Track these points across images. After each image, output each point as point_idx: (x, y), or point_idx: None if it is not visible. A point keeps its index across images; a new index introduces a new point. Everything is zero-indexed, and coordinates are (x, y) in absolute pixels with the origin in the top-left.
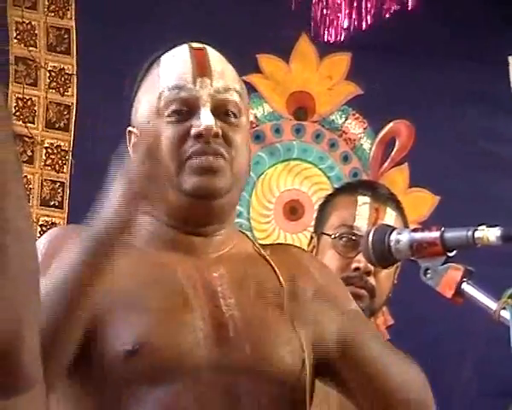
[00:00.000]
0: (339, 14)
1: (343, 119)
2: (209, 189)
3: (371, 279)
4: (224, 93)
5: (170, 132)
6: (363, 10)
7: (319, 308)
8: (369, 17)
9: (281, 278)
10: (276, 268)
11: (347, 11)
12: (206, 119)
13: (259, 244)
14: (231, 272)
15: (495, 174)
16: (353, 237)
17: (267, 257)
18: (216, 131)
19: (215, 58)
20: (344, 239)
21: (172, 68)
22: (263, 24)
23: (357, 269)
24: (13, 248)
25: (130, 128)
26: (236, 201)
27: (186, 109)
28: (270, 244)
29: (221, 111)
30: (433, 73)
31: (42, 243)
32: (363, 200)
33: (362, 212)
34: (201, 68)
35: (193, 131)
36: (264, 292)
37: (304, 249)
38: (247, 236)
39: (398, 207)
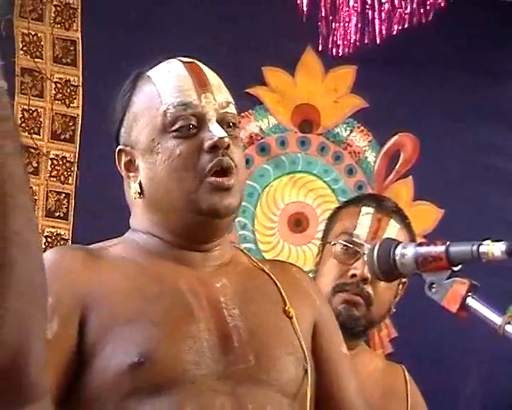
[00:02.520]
0: (348, 28)
1: (348, 131)
2: (225, 208)
3: (368, 287)
4: (226, 107)
5: (182, 147)
6: (374, 25)
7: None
8: (377, 32)
9: (281, 289)
10: (275, 280)
11: (357, 25)
12: (217, 131)
13: (257, 260)
14: (233, 283)
15: (500, 188)
16: (352, 245)
17: (266, 269)
18: (228, 143)
19: (208, 72)
20: (343, 247)
21: (172, 85)
22: (268, 36)
23: (353, 276)
24: (21, 261)
25: (121, 147)
26: (237, 215)
27: (193, 125)
28: (269, 260)
29: (224, 124)
30: (438, 86)
31: None
32: (367, 210)
33: (363, 221)
34: (202, 83)
35: (208, 144)
36: (266, 302)
37: (303, 270)
38: (242, 250)
39: (403, 220)
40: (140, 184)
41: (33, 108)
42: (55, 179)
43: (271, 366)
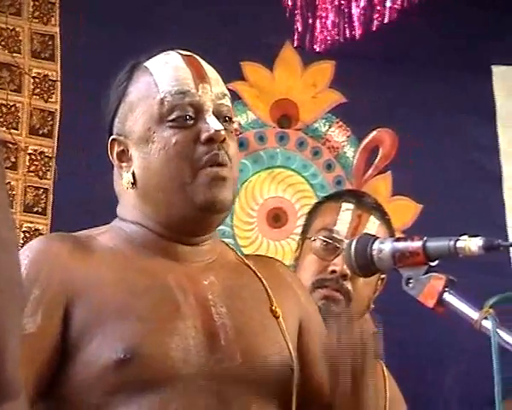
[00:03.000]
0: (326, 23)
1: (327, 127)
2: (221, 202)
3: (347, 283)
4: (222, 99)
5: (178, 137)
6: (352, 20)
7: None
8: (356, 27)
9: (268, 288)
10: (262, 278)
11: (336, 20)
12: (214, 123)
13: (242, 255)
14: (221, 281)
15: (477, 183)
16: (332, 241)
17: (252, 267)
18: (224, 136)
19: (205, 65)
20: (323, 243)
21: (170, 74)
22: (247, 32)
23: (333, 272)
24: None
25: (114, 136)
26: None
27: (190, 115)
28: (253, 255)
29: (220, 116)
30: (417, 82)
31: (24, 261)
32: (347, 206)
33: (344, 217)
34: (200, 74)
35: (204, 136)
36: (253, 301)
37: (285, 265)
38: (228, 245)
39: (383, 217)
40: (133, 174)
41: (11, 103)
42: (33, 174)
43: (258, 365)
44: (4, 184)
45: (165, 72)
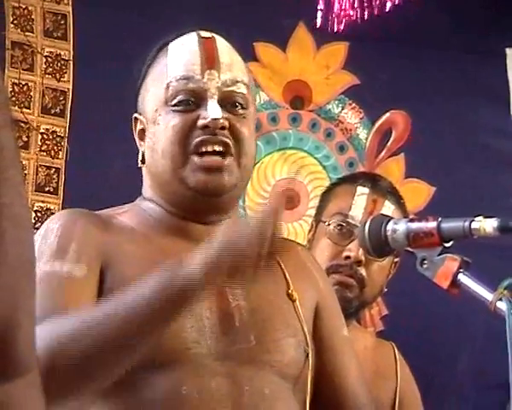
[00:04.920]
0: (340, 4)
1: (339, 108)
2: (215, 187)
3: (361, 270)
4: (231, 86)
5: (176, 121)
6: (366, 2)
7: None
8: (370, 9)
9: (286, 272)
10: (280, 261)
11: (350, 1)
12: (213, 111)
13: None
14: None
15: (490, 166)
16: (347, 226)
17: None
18: (223, 124)
19: (223, 49)
20: (338, 227)
21: (180, 58)
22: (260, 12)
23: (347, 258)
24: (11, 234)
25: (136, 115)
26: (241, 192)
27: (193, 100)
28: None
29: (228, 102)
30: (431, 63)
31: (55, 226)
32: (362, 190)
33: (359, 202)
34: (210, 60)
35: (200, 123)
36: (270, 284)
37: (308, 251)
38: None
39: (398, 201)
40: (143, 152)
41: (24, 82)
42: (45, 154)
43: (272, 347)
44: (18, 162)
45: (178, 55)
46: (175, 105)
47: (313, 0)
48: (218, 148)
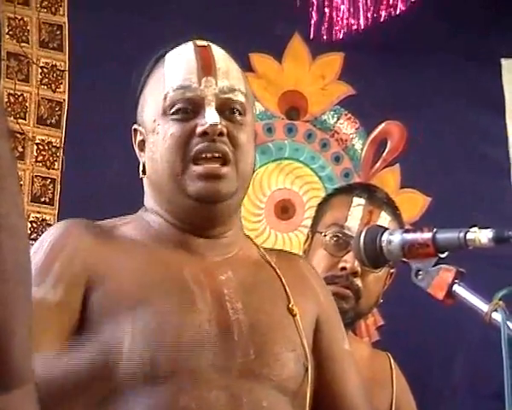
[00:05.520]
0: (336, 15)
1: (335, 119)
2: (213, 194)
3: (357, 280)
4: (228, 93)
5: (175, 129)
6: (363, 11)
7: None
8: (365, 19)
9: (286, 286)
10: (281, 276)
11: (345, 12)
12: (211, 117)
13: (264, 249)
14: (238, 276)
15: (486, 176)
16: (343, 237)
17: (272, 263)
18: (221, 130)
19: (220, 56)
20: (334, 238)
21: (177, 68)
22: (256, 23)
23: (343, 269)
24: (7, 244)
25: (135, 126)
26: (241, 201)
27: (191, 108)
28: (277, 250)
29: (226, 109)
30: (426, 74)
31: (48, 239)
32: (358, 201)
33: (355, 213)
34: (206, 68)
35: (198, 130)
36: (270, 298)
37: (310, 263)
38: (252, 240)
39: (394, 212)
40: (144, 163)
41: (19, 93)
42: (40, 164)
43: (271, 361)
44: (15, 172)
45: (174, 65)
46: (173, 114)
47: (309, 10)
48: (216, 155)
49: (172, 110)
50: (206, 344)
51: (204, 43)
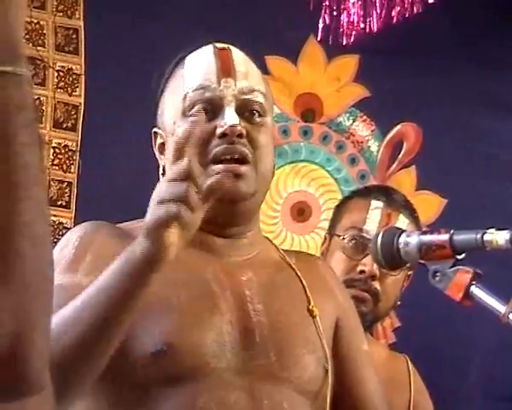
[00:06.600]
0: (350, 17)
1: (350, 121)
2: (233, 193)
3: (376, 284)
4: (248, 94)
5: (196, 131)
6: (376, 13)
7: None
8: (380, 21)
9: (306, 287)
10: (301, 277)
11: (360, 14)
12: (230, 118)
13: (284, 251)
14: (259, 277)
15: (502, 178)
16: (362, 240)
17: (293, 265)
18: (240, 131)
19: (239, 59)
20: (352, 241)
21: (197, 69)
22: (271, 25)
23: (362, 272)
24: (29, 253)
25: (155, 129)
26: (260, 203)
27: (210, 108)
28: (295, 251)
29: (245, 110)
30: (442, 75)
31: (74, 236)
32: (376, 204)
33: (373, 216)
34: (225, 69)
35: (218, 131)
36: (291, 299)
37: (328, 265)
38: (271, 241)
39: (412, 215)
40: (164, 166)
41: (36, 97)
42: (57, 168)
43: (292, 363)
44: (42, 181)
45: (194, 67)
46: (192, 115)
47: (323, 13)
48: (236, 156)
49: (192, 111)
50: (228, 346)
51: (224, 45)
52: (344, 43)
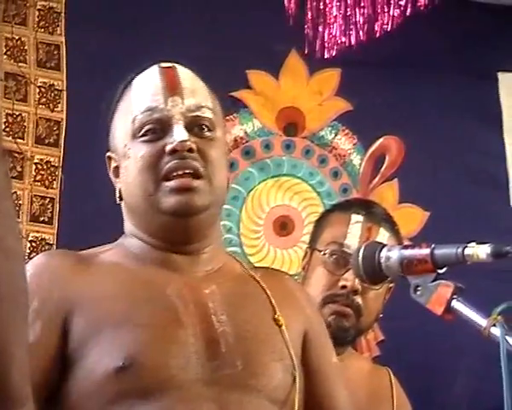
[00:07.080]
0: (332, 31)
1: (333, 134)
2: (187, 207)
3: (358, 298)
4: (196, 111)
5: (145, 150)
6: (356, 27)
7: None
8: (361, 34)
9: (271, 297)
10: (266, 288)
11: (341, 28)
12: (179, 134)
13: (250, 267)
14: (223, 290)
15: (485, 190)
16: (343, 255)
17: (257, 277)
18: (190, 145)
19: (185, 76)
20: (333, 256)
21: (144, 91)
22: (253, 40)
23: (344, 287)
24: (2, 267)
25: (108, 154)
26: (216, 216)
27: (159, 128)
28: (263, 267)
29: (194, 126)
30: (423, 88)
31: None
32: (357, 218)
33: (354, 230)
34: (172, 87)
35: (168, 148)
36: (256, 309)
37: (295, 279)
38: (235, 257)
39: (392, 228)
40: (120, 188)
41: (17, 113)
42: (39, 184)
43: (259, 371)
44: (10, 194)
45: (140, 88)
46: (142, 136)
47: (305, 27)
48: (187, 171)
49: (141, 132)
50: (193, 357)
51: (169, 64)
52: (326, 56)
